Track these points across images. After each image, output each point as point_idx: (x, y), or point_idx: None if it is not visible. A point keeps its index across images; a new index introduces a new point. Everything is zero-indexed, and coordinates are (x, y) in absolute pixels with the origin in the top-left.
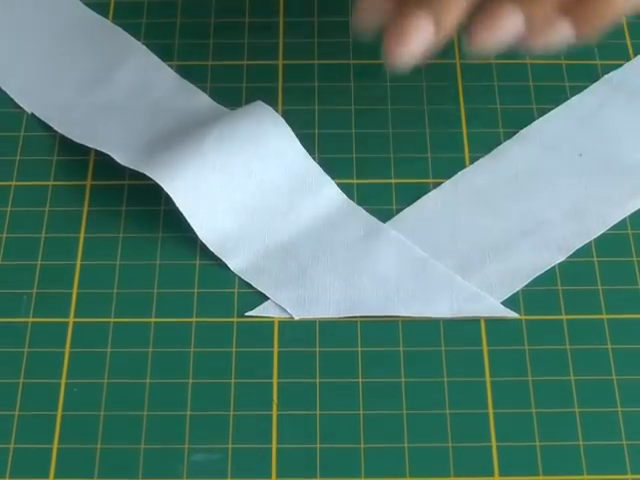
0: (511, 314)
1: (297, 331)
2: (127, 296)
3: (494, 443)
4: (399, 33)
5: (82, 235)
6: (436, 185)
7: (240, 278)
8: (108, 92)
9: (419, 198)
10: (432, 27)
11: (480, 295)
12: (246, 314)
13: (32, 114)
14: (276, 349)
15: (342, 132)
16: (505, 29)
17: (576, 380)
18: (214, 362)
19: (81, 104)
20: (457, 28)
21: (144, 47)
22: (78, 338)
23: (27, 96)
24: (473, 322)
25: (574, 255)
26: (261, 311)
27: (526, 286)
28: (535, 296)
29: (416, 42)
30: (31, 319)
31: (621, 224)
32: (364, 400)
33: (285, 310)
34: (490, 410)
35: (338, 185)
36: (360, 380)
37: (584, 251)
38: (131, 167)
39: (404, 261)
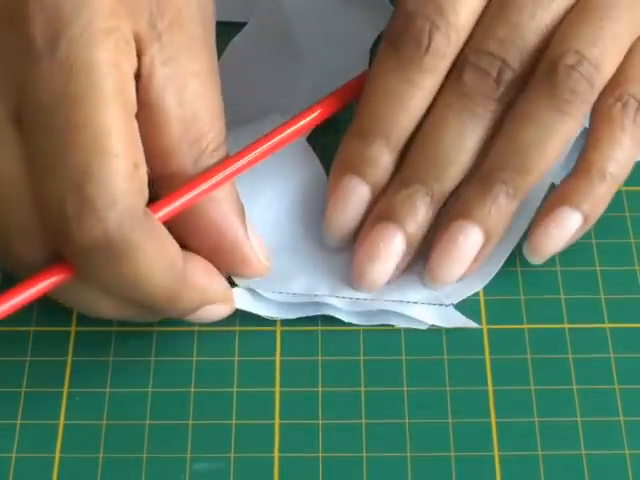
0: (472, 324)
1: (299, 340)
2: None
3: (496, 452)
4: (370, 249)
5: None
6: None
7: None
8: None
9: None
10: (403, 243)
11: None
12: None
13: None
14: (278, 358)
15: None
16: (566, 229)
17: (579, 389)
18: (216, 371)
19: None
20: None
21: None
22: (81, 347)
23: None
24: (475, 331)
25: (572, 264)
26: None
27: (527, 295)
28: (534, 305)
29: (389, 259)
30: (33, 328)
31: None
32: (366, 409)
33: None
34: (492, 419)
35: None
36: (362, 389)
37: (584, 259)
38: None
39: None
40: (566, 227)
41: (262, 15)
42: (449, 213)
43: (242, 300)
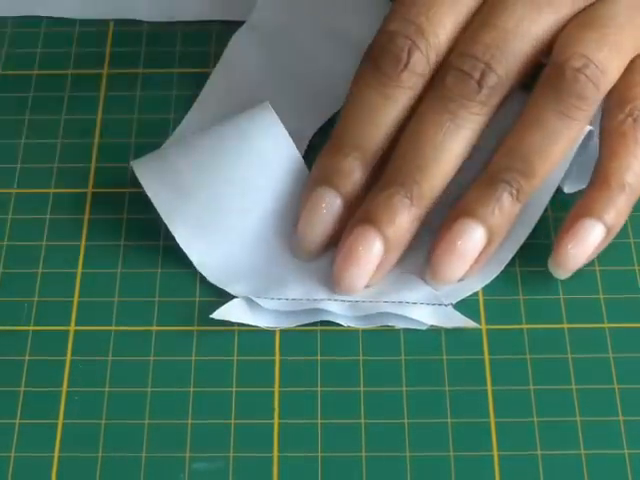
0: (471, 324)
1: (298, 340)
2: (128, 304)
3: (496, 452)
4: (348, 253)
5: (83, 243)
6: None
7: None
8: None
9: None
10: (382, 246)
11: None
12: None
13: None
14: (277, 358)
15: None
16: (590, 241)
17: (578, 389)
18: (215, 371)
19: None
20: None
21: None
22: (79, 346)
23: None
24: (474, 331)
25: None
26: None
27: (526, 295)
28: (533, 305)
29: (367, 262)
30: (32, 327)
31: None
32: (365, 409)
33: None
34: (492, 419)
35: None
36: (362, 389)
37: None
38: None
39: None
40: (590, 239)
41: (261, 13)
42: (452, 211)
43: (239, 312)
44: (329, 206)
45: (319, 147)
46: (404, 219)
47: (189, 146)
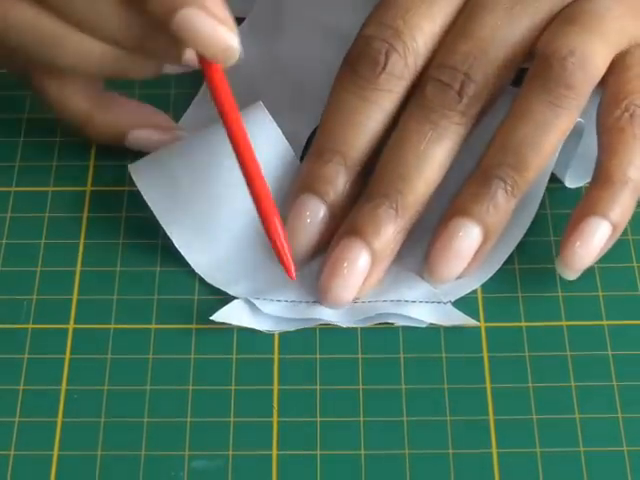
0: (470, 321)
1: (297, 338)
2: (127, 302)
3: (494, 450)
4: (335, 265)
5: (82, 241)
6: None
7: None
8: None
9: None
10: (369, 258)
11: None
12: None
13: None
14: (276, 356)
15: None
16: (597, 240)
17: (577, 386)
18: (214, 369)
19: None
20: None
21: None
22: (78, 344)
23: None
24: (473, 329)
25: None
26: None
27: (525, 292)
28: (531, 302)
29: (354, 275)
30: (31, 325)
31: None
32: (364, 407)
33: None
34: (491, 416)
35: None
36: (360, 387)
37: None
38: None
39: None
40: (596, 237)
41: (259, 13)
42: (447, 211)
43: (239, 315)
44: (313, 213)
45: None
46: (389, 230)
47: (184, 148)
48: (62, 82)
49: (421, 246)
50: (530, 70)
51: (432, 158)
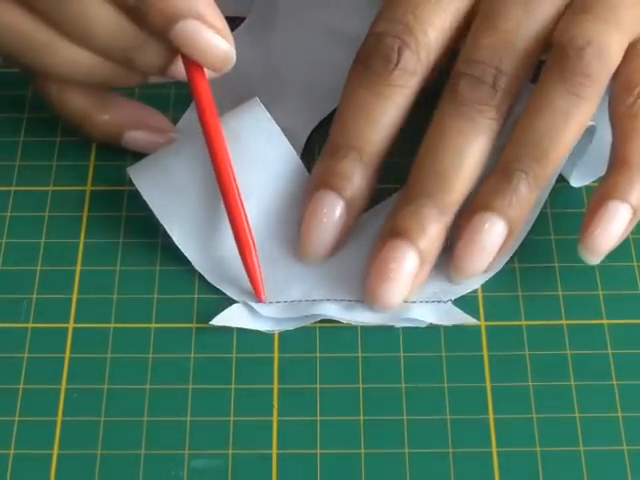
0: (471, 320)
1: (297, 336)
2: (127, 301)
3: (494, 449)
4: (382, 269)
5: (82, 240)
6: None
7: None
8: None
9: None
10: (417, 259)
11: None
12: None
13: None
14: (276, 355)
15: None
16: (618, 223)
17: (577, 385)
18: (214, 368)
19: None
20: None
21: None
22: (78, 344)
23: None
24: (473, 328)
25: (571, 261)
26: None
27: (525, 291)
28: (531, 301)
29: (402, 277)
30: (31, 324)
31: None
32: (364, 406)
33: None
34: (491, 415)
35: None
36: (360, 386)
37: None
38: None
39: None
40: (617, 221)
41: (259, 13)
42: (471, 206)
43: (239, 318)
44: (330, 209)
45: (320, 145)
46: (435, 229)
47: (182, 149)
48: (63, 84)
49: None
50: (547, 61)
51: (470, 155)
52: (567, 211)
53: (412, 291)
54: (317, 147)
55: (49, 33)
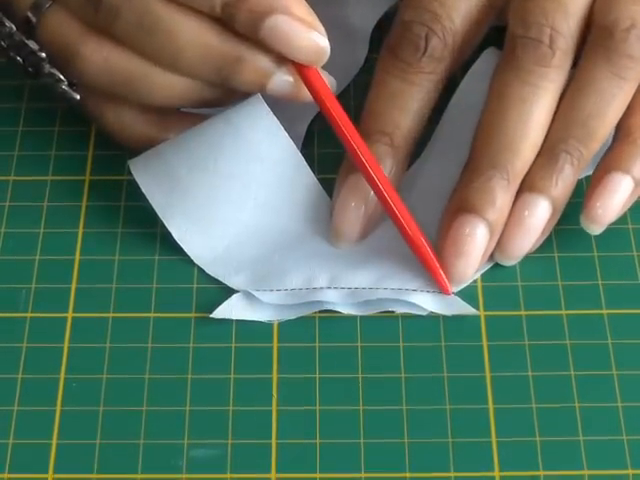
0: (471, 310)
1: (297, 326)
2: (126, 291)
3: (494, 438)
4: (456, 244)
5: (81, 230)
6: None
7: None
8: None
9: None
10: (487, 232)
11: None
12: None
13: None
14: (276, 344)
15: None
16: (620, 194)
17: (576, 375)
18: (213, 357)
19: None
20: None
21: None
22: (77, 333)
23: None
24: (473, 318)
25: (570, 251)
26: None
27: (524, 281)
28: (531, 291)
29: (475, 250)
30: (30, 314)
31: None
32: (364, 395)
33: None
34: (490, 405)
35: None
36: (360, 375)
37: (582, 246)
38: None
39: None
40: (619, 192)
41: None
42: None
43: (239, 309)
44: (362, 191)
45: (319, 137)
46: (504, 200)
47: (183, 142)
48: (120, 108)
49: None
50: (589, 41)
51: (534, 122)
52: (568, 201)
53: (482, 263)
54: (316, 139)
55: (141, 63)
